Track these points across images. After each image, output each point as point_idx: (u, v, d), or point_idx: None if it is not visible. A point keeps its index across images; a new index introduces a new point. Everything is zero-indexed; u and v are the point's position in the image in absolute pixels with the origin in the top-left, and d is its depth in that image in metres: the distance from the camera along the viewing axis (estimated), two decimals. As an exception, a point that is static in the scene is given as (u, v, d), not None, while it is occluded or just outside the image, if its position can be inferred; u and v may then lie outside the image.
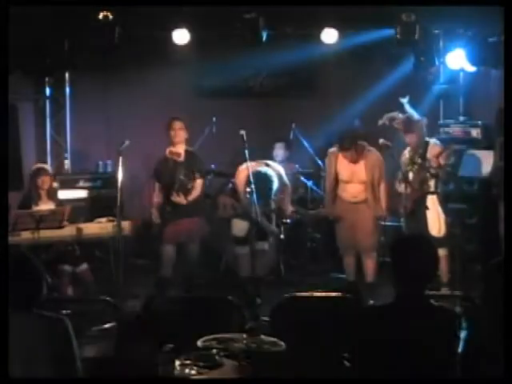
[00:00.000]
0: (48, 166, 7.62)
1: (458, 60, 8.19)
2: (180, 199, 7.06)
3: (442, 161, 7.16)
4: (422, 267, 3.37)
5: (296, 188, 8.39)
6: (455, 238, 7.44)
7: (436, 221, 7.21)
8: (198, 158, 7.27)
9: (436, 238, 7.14)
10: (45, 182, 7.06)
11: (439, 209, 7.22)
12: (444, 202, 7.26)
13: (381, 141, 7.41)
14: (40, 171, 7.15)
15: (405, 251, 3.42)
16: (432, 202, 7.21)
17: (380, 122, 7.47)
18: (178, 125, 7.15)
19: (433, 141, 7.32)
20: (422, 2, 6.97)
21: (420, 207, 7.21)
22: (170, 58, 8.62)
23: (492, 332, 3.29)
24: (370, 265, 7.19)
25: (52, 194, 7.17)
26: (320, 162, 8.54)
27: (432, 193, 7.20)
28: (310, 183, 8.66)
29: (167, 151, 7.15)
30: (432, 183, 7.19)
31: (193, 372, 3.70)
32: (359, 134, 7.31)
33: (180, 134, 7.16)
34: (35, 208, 6.90)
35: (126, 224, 6.81)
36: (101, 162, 8.92)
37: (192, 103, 9.25)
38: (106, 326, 6.26)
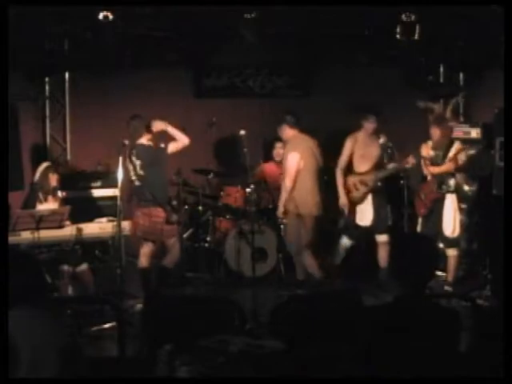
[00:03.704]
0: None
1: (457, 60, 8.20)
2: None
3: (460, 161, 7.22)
4: (421, 266, 3.37)
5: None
6: (464, 238, 7.51)
7: (451, 221, 7.22)
8: None
9: (449, 238, 7.17)
10: (53, 179, 7.09)
11: (456, 209, 7.23)
12: (462, 202, 7.29)
13: (381, 140, 7.43)
14: (49, 169, 7.17)
15: (404, 250, 3.43)
16: (450, 201, 7.23)
17: (420, 105, 7.59)
18: None
19: (459, 144, 7.34)
20: (422, 2, 6.96)
21: (437, 206, 7.23)
22: (169, 57, 8.63)
23: (492, 332, 3.29)
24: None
25: (56, 193, 7.19)
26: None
27: (452, 192, 7.23)
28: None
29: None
30: (452, 183, 7.21)
31: (192, 372, 3.70)
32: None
33: None
34: (41, 206, 6.91)
35: (125, 224, 6.83)
36: (100, 162, 8.91)
37: (192, 103, 9.26)
38: (106, 325, 6.27)
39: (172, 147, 7.15)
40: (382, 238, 7.57)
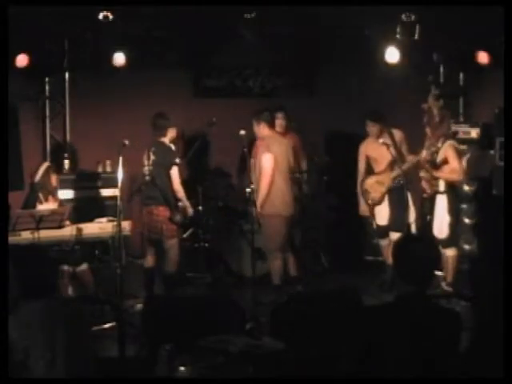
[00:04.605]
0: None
1: (457, 60, 8.21)
2: None
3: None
4: (423, 267, 3.37)
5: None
6: (459, 239, 7.48)
7: (438, 222, 7.20)
8: None
9: (437, 238, 7.15)
10: (54, 179, 7.10)
11: (446, 210, 7.19)
12: (453, 202, 7.24)
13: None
14: (50, 169, 7.17)
15: (406, 251, 3.43)
16: (441, 201, 7.20)
17: (424, 107, 7.60)
18: None
19: (450, 142, 7.27)
20: (422, 2, 6.96)
21: (430, 206, 7.22)
22: (169, 57, 8.62)
23: (492, 332, 3.29)
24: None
25: (56, 193, 7.19)
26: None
27: (442, 193, 7.19)
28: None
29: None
30: (442, 183, 7.18)
31: (192, 372, 3.70)
32: None
33: None
34: (41, 206, 6.91)
35: (125, 224, 6.82)
36: (101, 162, 8.91)
37: (192, 103, 9.26)
38: (106, 326, 6.26)
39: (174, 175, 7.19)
40: (395, 237, 7.52)
